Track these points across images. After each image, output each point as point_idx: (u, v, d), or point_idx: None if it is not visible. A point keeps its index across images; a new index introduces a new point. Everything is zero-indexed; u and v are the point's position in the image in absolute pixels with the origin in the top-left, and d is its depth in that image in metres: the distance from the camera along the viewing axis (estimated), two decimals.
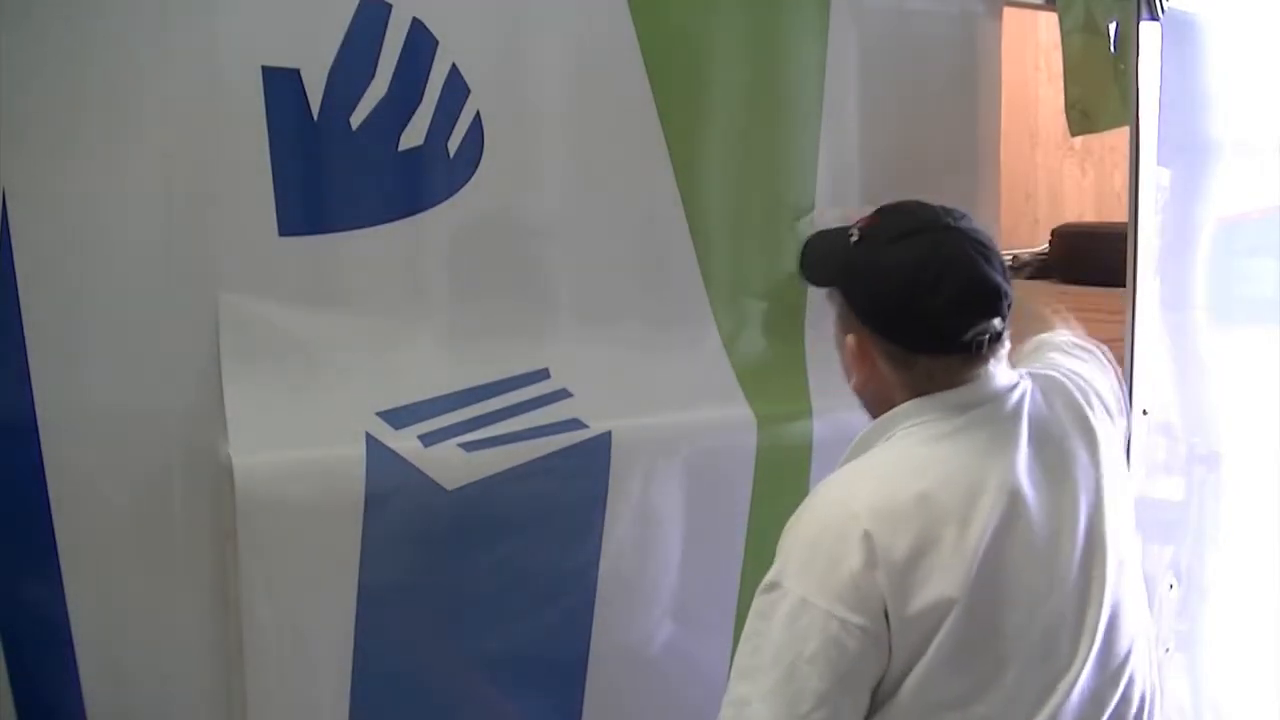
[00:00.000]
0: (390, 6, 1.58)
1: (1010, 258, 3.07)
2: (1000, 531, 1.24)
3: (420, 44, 1.60)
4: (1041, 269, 3.09)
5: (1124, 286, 1.97)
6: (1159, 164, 1.95)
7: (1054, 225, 3.20)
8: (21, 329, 1.43)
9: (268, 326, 1.56)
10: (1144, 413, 1.97)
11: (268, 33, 1.52)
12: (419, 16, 1.59)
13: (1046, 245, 3.15)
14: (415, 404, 1.64)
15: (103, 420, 1.48)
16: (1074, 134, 2.38)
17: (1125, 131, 1.98)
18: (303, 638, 1.57)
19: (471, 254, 1.69)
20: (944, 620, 1.21)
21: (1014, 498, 1.26)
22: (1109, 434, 1.40)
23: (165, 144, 1.48)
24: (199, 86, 1.49)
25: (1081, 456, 1.35)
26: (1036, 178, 3.63)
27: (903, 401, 1.32)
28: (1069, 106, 2.30)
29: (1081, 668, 1.27)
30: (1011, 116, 2.48)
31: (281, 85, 1.52)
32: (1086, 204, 3.67)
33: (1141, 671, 1.34)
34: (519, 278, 1.74)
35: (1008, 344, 1.34)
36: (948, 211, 1.34)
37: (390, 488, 1.59)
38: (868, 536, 1.20)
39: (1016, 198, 3.44)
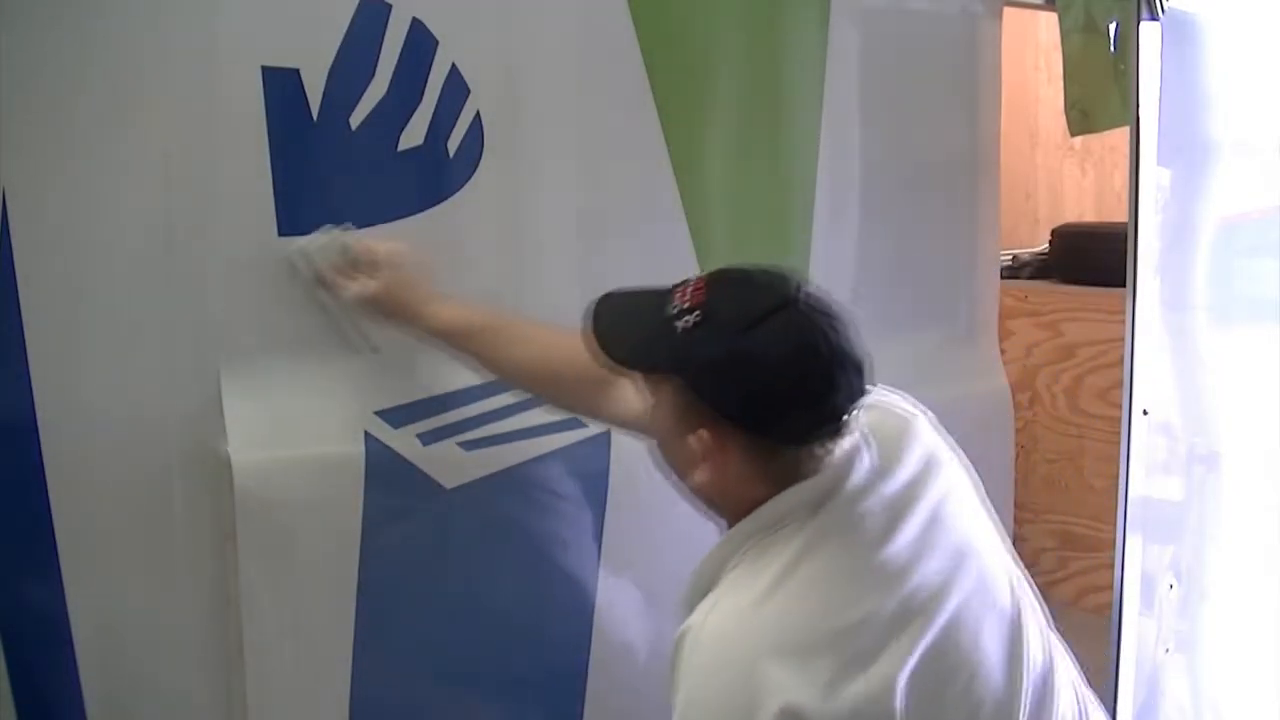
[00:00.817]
0: (390, 6, 1.58)
1: (1010, 258, 3.08)
2: (926, 651, 1.15)
3: (420, 44, 1.60)
4: (1041, 269, 3.09)
5: (1124, 286, 1.97)
6: (1159, 164, 1.94)
7: (1054, 225, 3.20)
8: (21, 329, 1.43)
9: (267, 326, 1.56)
10: (1144, 413, 1.97)
11: (268, 33, 1.52)
12: (419, 16, 1.59)
13: (1046, 245, 3.15)
14: (414, 403, 1.64)
15: (103, 420, 1.48)
16: (1073, 134, 2.38)
17: (1125, 131, 1.98)
18: (303, 636, 1.58)
19: (471, 254, 1.70)
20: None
21: (917, 594, 1.18)
22: (957, 466, 1.33)
23: (165, 144, 1.48)
24: (199, 86, 1.49)
25: (950, 506, 1.27)
26: (1036, 178, 3.63)
27: (761, 496, 1.20)
28: (1069, 106, 2.30)
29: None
30: (1011, 116, 2.48)
31: (281, 85, 1.52)
32: (1086, 204, 3.67)
33: (1067, 690, 1.30)
34: (519, 277, 1.74)
35: None
36: (781, 278, 1.22)
37: (389, 486, 1.59)
38: (784, 705, 1.08)
39: (1016, 198, 3.45)
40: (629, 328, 1.28)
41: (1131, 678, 2.02)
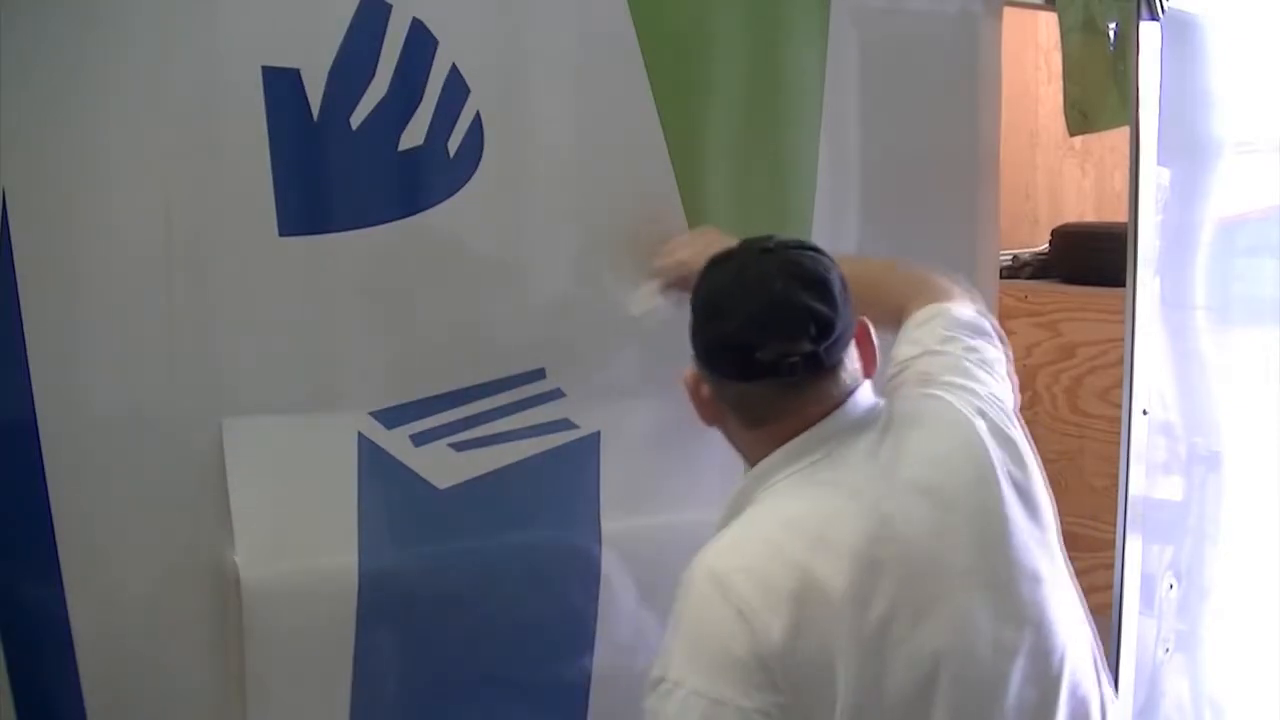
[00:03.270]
0: (390, 6, 1.58)
1: (1010, 258, 3.08)
2: (885, 583, 1.19)
3: (420, 44, 1.60)
4: (1041, 269, 3.09)
5: (1124, 286, 1.97)
6: (1159, 164, 1.95)
7: (1054, 225, 3.20)
8: (21, 329, 1.43)
9: (267, 326, 1.56)
10: (1144, 413, 1.97)
11: (268, 33, 1.52)
12: (419, 16, 1.59)
13: (1046, 245, 3.15)
14: (410, 403, 1.65)
15: (103, 420, 1.49)
16: (1073, 134, 2.38)
17: (1125, 131, 1.98)
18: (301, 632, 1.58)
19: (471, 254, 1.70)
20: (837, 686, 1.16)
21: (895, 543, 1.21)
22: (1001, 441, 1.33)
23: (165, 144, 1.48)
24: (199, 86, 1.49)
25: (969, 477, 1.28)
26: (1036, 178, 3.63)
27: (758, 453, 1.30)
28: (1068, 106, 2.30)
29: (1013, 698, 1.23)
30: (1011, 116, 2.48)
31: (281, 85, 1.52)
32: (1086, 204, 3.67)
33: (1085, 684, 1.30)
34: (518, 278, 1.74)
35: (849, 376, 1.30)
36: (782, 243, 1.31)
37: (382, 486, 1.59)
38: (745, 616, 1.16)
39: (1016, 198, 3.44)
40: None
41: (1131, 678, 2.02)
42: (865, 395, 1.31)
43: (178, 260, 1.50)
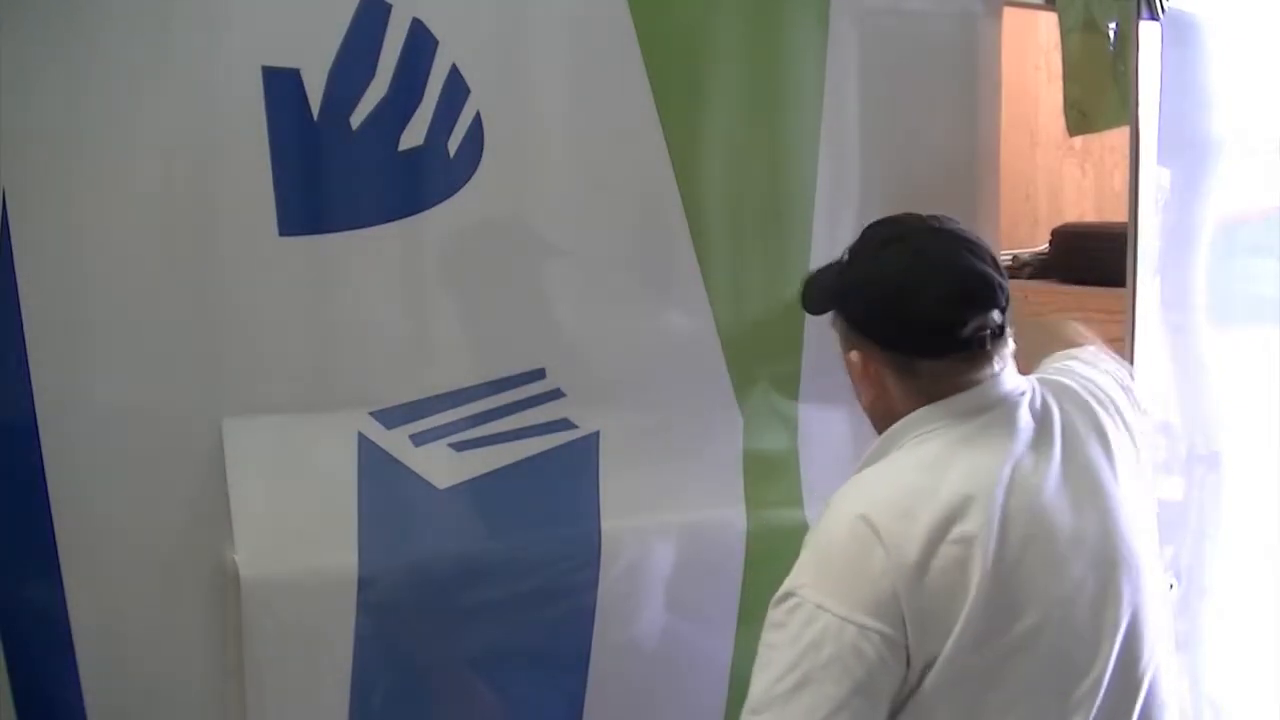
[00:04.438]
0: (390, 6, 1.58)
1: (1010, 258, 3.07)
2: (1015, 534, 1.23)
3: (420, 44, 1.60)
4: (1041, 269, 3.08)
5: (1124, 286, 1.97)
6: (1159, 164, 1.94)
7: (1054, 225, 3.20)
8: (21, 329, 1.43)
9: (267, 326, 1.56)
10: (1144, 413, 1.97)
11: (268, 33, 1.52)
12: (419, 16, 1.59)
13: (1046, 245, 3.15)
14: (409, 403, 1.65)
15: (103, 420, 1.49)
16: (1072, 134, 2.38)
17: (1125, 131, 1.98)
18: (301, 631, 1.58)
19: (472, 254, 1.70)
20: (956, 622, 1.20)
21: (1030, 501, 1.26)
22: (1124, 440, 1.39)
23: (165, 144, 1.48)
24: (199, 86, 1.49)
25: (1098, 462, 1.33)
26: (1036, 178, 3.63)
27: (908, 402, 1.31)
28: (1068, 106, 2.30)
29: (1100, 677, 1.26)
30: (1011, 116, 2.48)
31: (281, 85, 1.52)
32: (1086, 204, 3.67)
33: (1165, 682, 1.33)
34: (519, 278, 1.74)
35: (1012, 344, 1.33)
36: (934, 217, 1.35)
37: (382, 486, 1.59)
38: (881, 542, 1.20)
39: (1016, 198, 3.44)
40: (818, 284, 1.44)
41: None
42: (1014, 373, 1.35)
43: (178, 260, 1.50)
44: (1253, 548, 2.21)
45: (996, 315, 1.28)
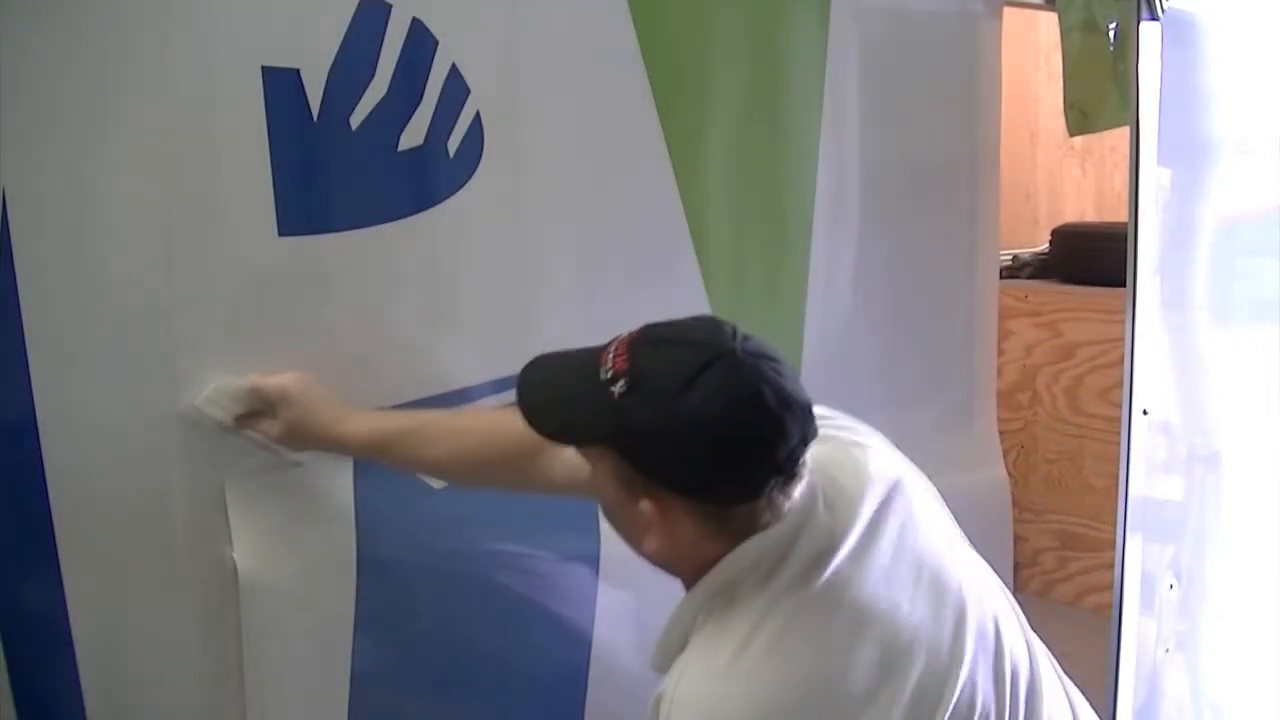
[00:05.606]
0: (390, 6, 1.58)
1: (1010, 258, 3.08)
2: (888, 689, 1.12)
3: (420, 44, 1.60)
4: (1041, 269, 3.10)
5: (1124, 286, 1.97)
6: (1159, 164, 1.95)
7: (1054, 225, 3.21)
8: (21, 329, 1.43)
9: (267, 326, 1.56)
10: (1144, 413, 1.97)
11: (268, 33, 1.52)
12: (419, 16, 1.59)
13: (1046, 245, 3.15)
14: (410, 403, 1.64)
15: (103, 420, 1.48)
16: (1072, 134, 2.39)
17: (1125, 131, 1.99)
18: (300, 632, 1.58)
19: (471, 254, 1.70)
20: None
21: (871, 640, 1.14)
22: (911, 477, 1.29)
23: (165, 144, 1.48)
24: (199, 86, 1.49)
25: (893, 518, 1.21)
26: (1036, 178, 3.63)
27: (717, 556, 1.14)
28: (1068, 106, 2.30)
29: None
30: (1011, 116, 2.48)
31: (281, 85, 1.51)
32: (1086, 204, 3.68)
33: (1054, 690, 1.29)
34: (519, 278, 1.74)
35: None
36: (714, 328, 1.14)
37: (380, 486, 1.60)
38: None
39: (1016, 198, 3.45)
40: (559, 398, 1.19)
41: (1131, 678, 2.02)
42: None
43: (178, 260, 1.50)
44: (1253, 548, 2.21)
45: (810, 432, 1.13)
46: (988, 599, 1.26)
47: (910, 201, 2.11)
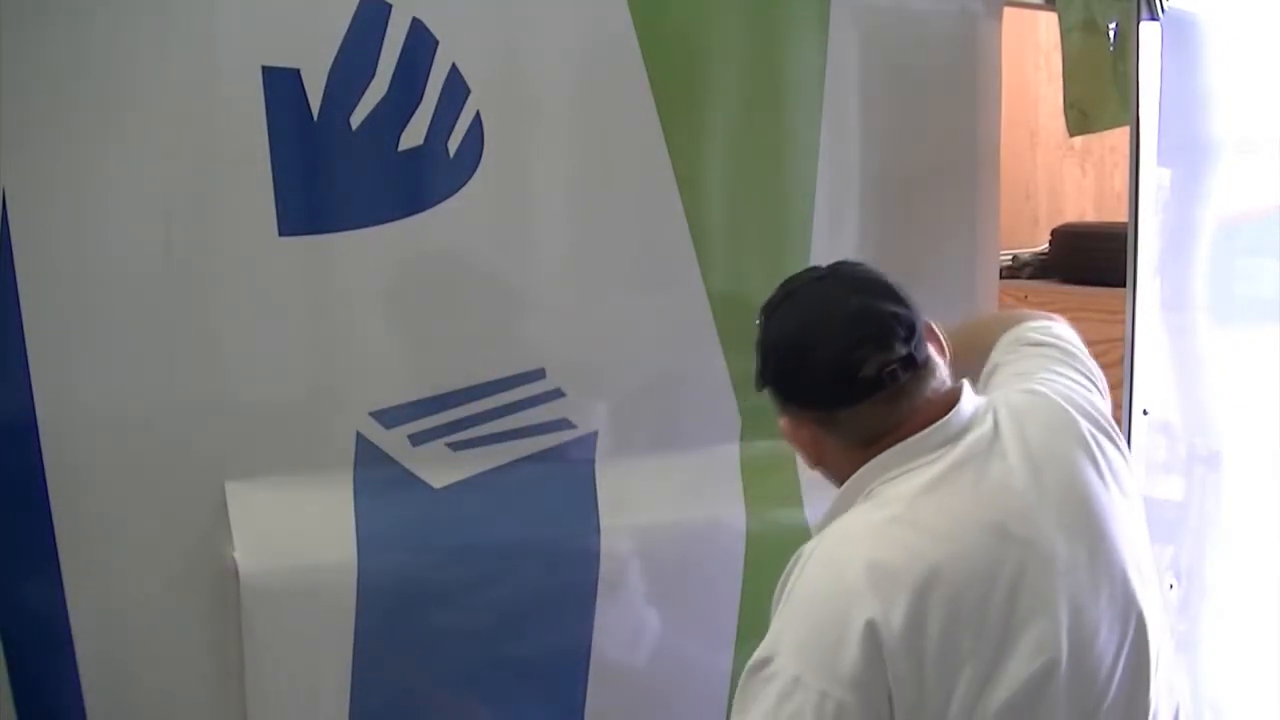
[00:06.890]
0: (390, 6, 1.58)
1: (1010, 258, 3.07)
2: (1003, 581, 1.19)
3: (420, 44, 1.60)
4: (1041, 269, 3.09)
5: (1124, 286, 1.97)
6: (1159, 164, 1.95)
7: (1054, 225, 3.20)
8: (21, 329, 1.43)
9: (266, 326, 1.56)
10: (1144, 413, 1.97)
11: (268, 33, 1.52)
12: (419, 16, 1.59)
13: (1046, 245, 3.15)
14: (409, 403, 1.64)
15: (103, 420, 1.48)
16: (1072, 134, 2.38)
17: (1125, 131, 1.99)
18: (300, 631, 1.58)
19: (472, 254, 1.70)
20: (956, 685, 1.15)
21: (1014, 542, 1.21)
22: (1110, 448, 1.33)
23: (165, 144, 1.48)
24: (199, 86, 1.49)
25: (1082, 481, 1.27)
26: (1036, 178, 3.63)
27: (858, 460, 1.27)
28: (1068, 106, 2.30)
29: (1114, 700, 1.23)
30: (1011, 116, 2.48)
31: (281, 85, 1.52)
32: (1086, 204, 3.67)
33: (1175, 686, 1.32)
34: (519, 277, 1.74)
35: (943, 367, 1.29)
36: (833, 265, 1.34)
37: (379, 485, 1.60)
38: (863, 607, 1.14)
39: (1016, 198, 3.44)
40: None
41: None
42: (970, 396, 1.30)
43: (178, 260, 1.50)
44: (1253, 548, 2.21)
45: (900, 348, 1.23)
46: (1138, 575, 1.28)
47: (910, 201, 2.11)
